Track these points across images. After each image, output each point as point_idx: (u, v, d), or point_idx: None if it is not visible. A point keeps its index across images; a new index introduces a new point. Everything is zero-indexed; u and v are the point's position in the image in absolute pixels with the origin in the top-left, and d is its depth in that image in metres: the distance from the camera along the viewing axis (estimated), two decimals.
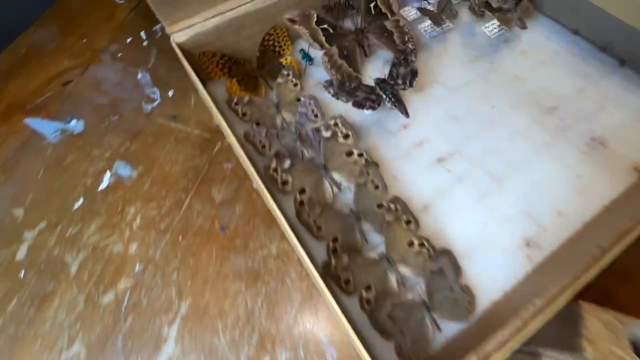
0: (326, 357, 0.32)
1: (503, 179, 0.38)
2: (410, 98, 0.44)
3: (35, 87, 0.51)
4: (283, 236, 0.38)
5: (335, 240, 0.31)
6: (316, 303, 0.35)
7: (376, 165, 0.35)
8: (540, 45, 0.49)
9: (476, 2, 0.48)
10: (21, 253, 0.38)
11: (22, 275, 0.37)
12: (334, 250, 0.31)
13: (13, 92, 0.51)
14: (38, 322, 0.34)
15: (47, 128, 0.47)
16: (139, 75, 0.52)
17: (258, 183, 0.32)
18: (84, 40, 0.57)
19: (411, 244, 0.31)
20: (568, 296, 0.25)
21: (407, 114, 0.40)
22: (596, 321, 0.23)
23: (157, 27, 0.57)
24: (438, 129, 0.42)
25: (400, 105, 0.39)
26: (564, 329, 0.24)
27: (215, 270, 0.37)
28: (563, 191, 0.37)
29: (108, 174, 0.43)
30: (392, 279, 0.30)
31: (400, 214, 0.32)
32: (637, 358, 0.22)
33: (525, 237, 0.35)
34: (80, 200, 0.41)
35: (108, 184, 0.42)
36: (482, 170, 0.39)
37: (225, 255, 0.37)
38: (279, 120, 0.40)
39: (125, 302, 0.35)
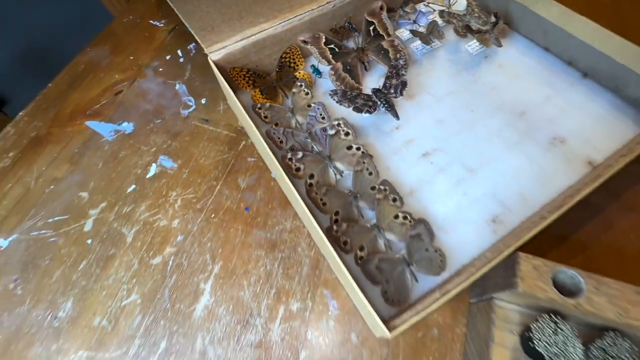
0: (329, 307, 0.41)
1: (477, 170, 0.46)
2: (403, 105, 0.52)
3: (92, 96, 0.62)
4: (296, 215, 0.47)
5: (337, 213, 0.40)
6: (321, 267, 0.43)
7: (370, 156, 0.44)
8: (515, 60, 0.57)
9: (459, 24, 0.57)
10: (88, 226, 0.48)
11: (89, 243, 0.46)
12: (336, 221, 0.39)
13: (75, 101, 0.61)
14: (103, 278, 0.44)
15: (104, 129, 0.57)
16: (177, 87, 0.62)
17: (277, 168, 0.41)
18: (130, 58, 0.68)
19: (396, 216, 0.39)
20: (511, 250, 0.33)
21: (397, 117, 0.48)
22: (528, 265, 0.31)
23: (191, 46, 0.68)
24: (425, 130, 0.51)
25: (392, 110, 0.48)
26: (507, 274, 0.32)
27: (241, 241, 0.46)
28: (527, 180, 0.45)
29: (154, 165, 0.53)
30: (381, 242, 0.39)
31: (388, 194, 0.40)
32: (554, 288, 0.29)
33: (493, 216, 0.43)
34: (133, 186, 0.51)
35: (154, 173, 0.52)
36: (460, 162, 0.47)
37: (249, 229, 0.46)
38: (293, 122, 0.49)
39: (170, 264, 0.44)
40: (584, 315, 0.30)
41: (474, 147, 0.48)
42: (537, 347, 0.29)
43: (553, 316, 0.30)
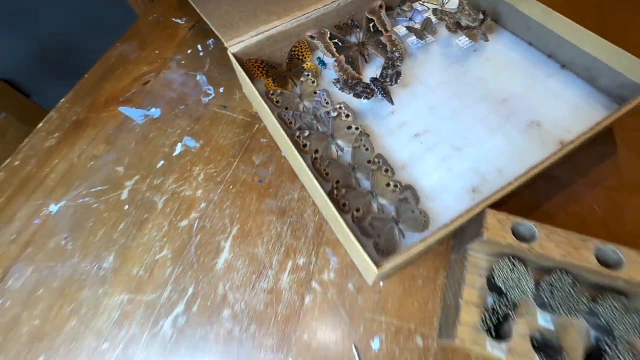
0: (330, 262, 0.48)
1: (461, 149, 0.53)
2: (399, 93, 0.59)
3: (124, 85, 0.70)
4: (302, 187, 0.54)
5: (337, 182, 0.47)
6: (324, 229, 0.50)
7: (367, 135, 0.51)
8: (501, 54, 0.63)
9: (450, 21, 0.63)
10: (124, 195, 0.56)
11: (126, 209, 0.54)
12: (336, 187, 0.46)
13: (109, 90, 0.69)
14: (139, 237, 0.51)
15: (134, 114, 0.65)
16: (198, 77, 0.70)
17: (287, 144, 0.48)
18: (156, 52, 0.75)
19: (388, 184, 0.46)
20: (481, 208, 0.40)
21: (392, 102, 0.55)
22: (493, 218, 0.37)
23: (210, 41, 0.76)
24: (417, 115, 0.57)
25: (387, 96, 0.55)
26: (476, 227, 0.39)
27: (255, 208, 0.53)
28: (504, 157, 0.52)
29: (179, 145, 0.61)
30: (374, 206, 0.46)
31: (381, 165, 0.47)
32: (513, 236, 0.36)
33: (472, 187, 0.49)
34: (161, 162, 0.59)
35: (180, 152, 0.60)
36: (447, 142, 0.54)
37: (262, 199, 0.54)
38: (301, 106, 0.56)
39: (195, 226, 0.52)
40: (537, 258, 0.36)
41: (460, 130, 0.55)
42: (496, 282, 0.36)
43: (512, 258, 0.37)
